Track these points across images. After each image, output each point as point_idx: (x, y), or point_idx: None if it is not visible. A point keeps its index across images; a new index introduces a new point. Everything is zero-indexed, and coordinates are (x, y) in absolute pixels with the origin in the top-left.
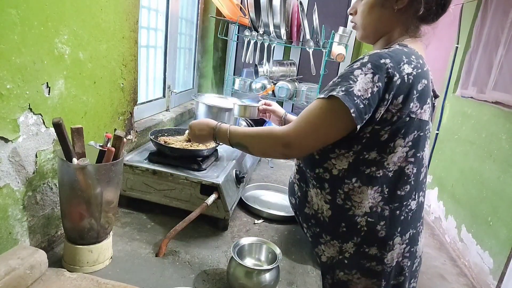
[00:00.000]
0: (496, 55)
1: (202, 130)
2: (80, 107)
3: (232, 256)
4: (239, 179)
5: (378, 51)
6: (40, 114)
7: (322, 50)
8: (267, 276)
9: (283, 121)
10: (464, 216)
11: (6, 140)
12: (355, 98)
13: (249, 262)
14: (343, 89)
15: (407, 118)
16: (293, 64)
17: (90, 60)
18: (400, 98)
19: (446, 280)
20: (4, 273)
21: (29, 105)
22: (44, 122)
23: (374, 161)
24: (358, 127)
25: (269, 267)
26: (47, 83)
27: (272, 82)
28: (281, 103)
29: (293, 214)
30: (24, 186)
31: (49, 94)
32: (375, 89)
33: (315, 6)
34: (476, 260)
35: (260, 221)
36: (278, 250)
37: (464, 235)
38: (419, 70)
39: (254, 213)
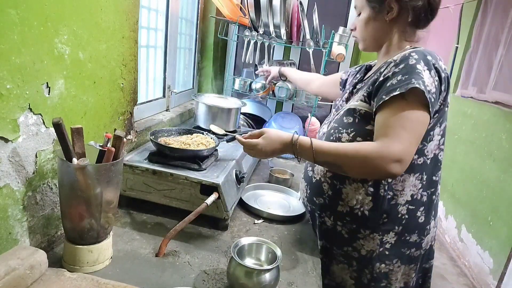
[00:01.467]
0: (496, 55)
1: (275, 149)
2: (80, 107)
3: (232, 256)
4: (239, 179)
5: (418, 48)
6: (40, 114)
7: (322, 50)
8: (267, 276)
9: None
10: (464, 216)
11: (6, 140)
12: (427, 92)
13: (249, 262)
14: (420, 82)
15: (446, 108)
16: (293, 64)
17: (90, 60)
18: (445, 91)
19: (446, 280)
20: (4, 273)
21: (29, 105)
22: (44, 122)
23: (417, 150)
24: (430, 120)
25: (269, 267)
26: (47, 83)
27: (272, 82)
28: (281, 103)
29: (293, 214)
30: (24, 186)
31: (49, 94)
32: (436, 83)
33: (315, 6)
34: (476, 260)
35: (260, 221)
36: (278, 250)
37: (464, 235)
38: (446, 67)
39: (254, 213)
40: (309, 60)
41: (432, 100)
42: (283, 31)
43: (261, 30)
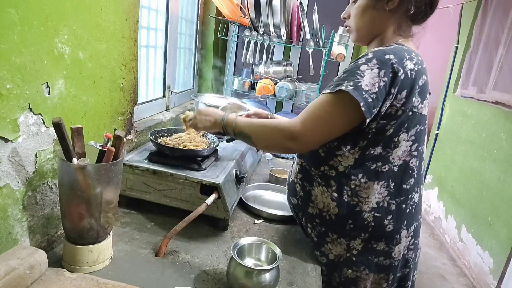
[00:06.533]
0: (496, 55)
1: (208, 116)
2: (80, 107)
3: (232, 256)
4: (239, 179)
5: (382, 48)
6: (40, 114)
7: (322, 50)
8: (267, 276)
9: None
10: (464, 216)
11: (6, 140)
12: (364, 93)
13: (249, 262)
14: (351, 83)
15: (410, 113)
16: (290, 64)
17: (90, 60)
18: (404, 93)
19: (446, 280)
20: (4, 273)
21: (29, 105)
22: (44, 122)
23: (379, 156)
24: (368, 120)
25: (269, 267)
26: (47, 83)
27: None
28: (281, 103)
29: (293, 214)
30: (24, 186)
31: (49, 94)
32: (382, 83)
33: (315, 6)
34: (476, 260)
35: (260, 221)
36: (278, 250)
37: (464, 235)
38: (420, 66)
39: (254, 213)
40: (309, 60)
41: (370, 100)
42: (283, 31)
43: (261, 30)
